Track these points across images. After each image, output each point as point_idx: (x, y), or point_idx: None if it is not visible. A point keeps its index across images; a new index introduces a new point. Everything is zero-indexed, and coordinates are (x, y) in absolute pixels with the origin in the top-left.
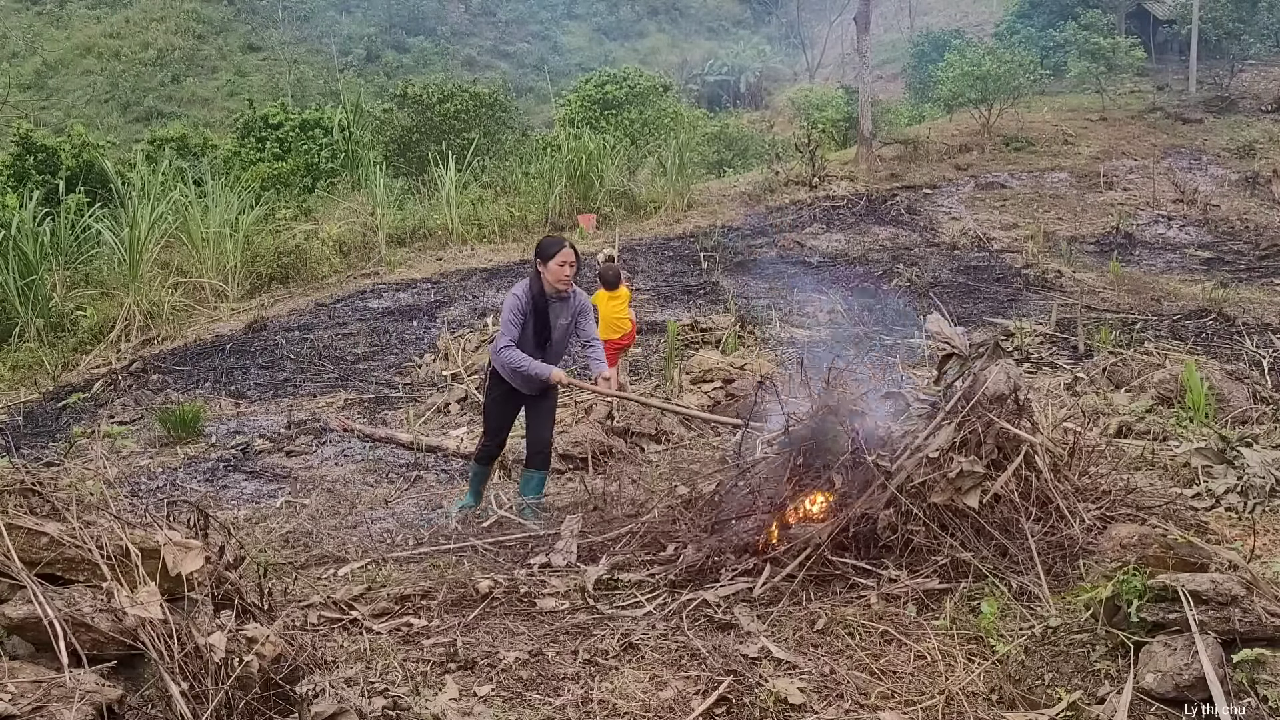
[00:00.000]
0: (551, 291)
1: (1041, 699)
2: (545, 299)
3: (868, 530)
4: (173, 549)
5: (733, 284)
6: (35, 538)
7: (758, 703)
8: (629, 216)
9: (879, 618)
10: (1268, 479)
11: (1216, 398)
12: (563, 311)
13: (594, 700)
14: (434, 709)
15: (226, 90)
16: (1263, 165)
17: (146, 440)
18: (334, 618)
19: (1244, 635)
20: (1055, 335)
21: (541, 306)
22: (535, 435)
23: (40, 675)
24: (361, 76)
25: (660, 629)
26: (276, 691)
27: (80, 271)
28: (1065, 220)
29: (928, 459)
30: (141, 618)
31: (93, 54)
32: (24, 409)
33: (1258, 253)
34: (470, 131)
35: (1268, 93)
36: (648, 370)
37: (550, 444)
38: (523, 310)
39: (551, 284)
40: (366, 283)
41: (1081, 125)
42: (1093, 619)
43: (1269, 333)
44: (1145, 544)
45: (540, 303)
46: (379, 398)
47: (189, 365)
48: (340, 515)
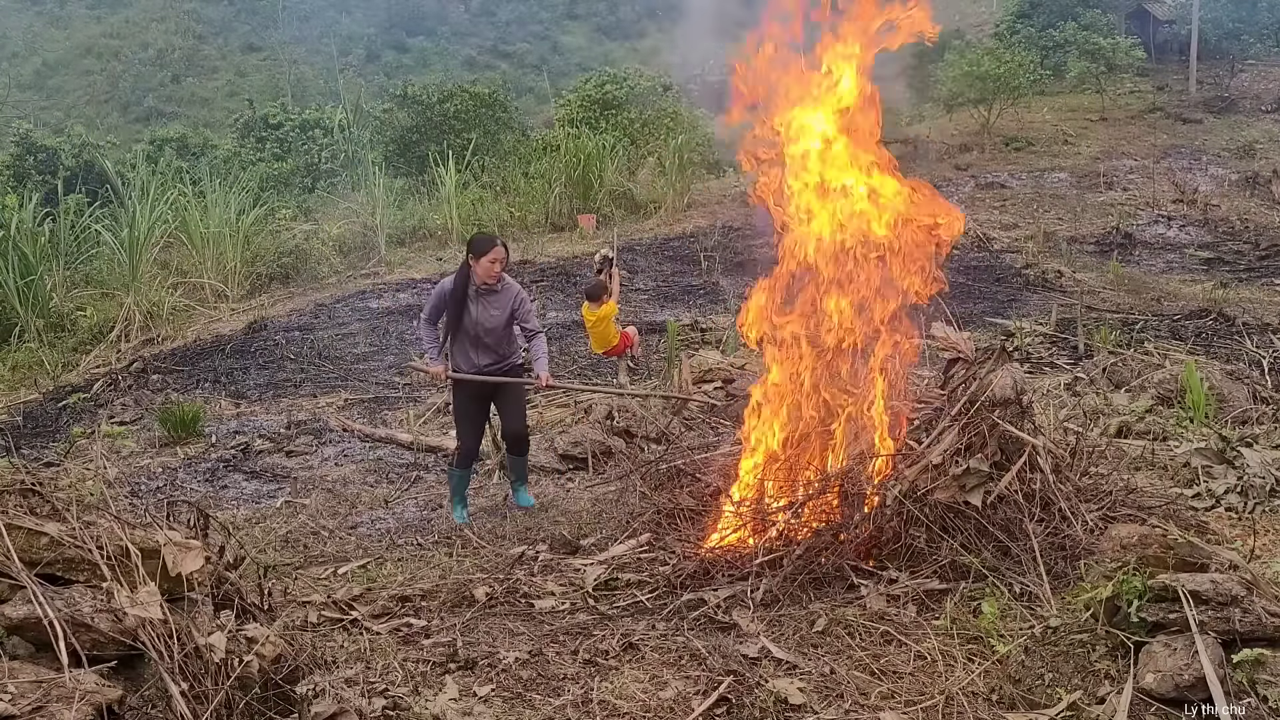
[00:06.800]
0: (480, 284)
1: (1041, 699)
2: (467, 291)
3: (871, 536)
4: (173, 549)
5: (733, 284)
6: (35, 538)
7: (758, 703)
8: (629, 216)
9: (879, 618)
10: (1268, 479)
11: (1216, 398)
12: (493, 303)
13: (594, 700)
14: (434, 709)
15: (226, 90)
16: (1263, 165)
17: (146, 440)
18: (334, 618)
19: (1244, 635)
20: (1055, 335)
21: (461, 297)
22: (508, 427)
23: (40, 675)
24: (361, 76)
25: (660, 629)
26: (276, 691)
27: (80, 271)
28: (1065, 220)
29: (931, 464)
30: (141, 618)
31: (93, 54)
32: (24, 409)
33: (1258, 253)
34: (470, 131)
35: (1268, 93)
36: (648, 370)
37: (524, 432)
38: (442, 295)
39: (480, 278)
40: (366, 283)
41: (1081, 125)
42: (1093, 619)
43: (1269, 333)
44: (1145, 544)
45: (460, 294)
46: (379, 398)
47: (189, 365)
48: (340, 515)
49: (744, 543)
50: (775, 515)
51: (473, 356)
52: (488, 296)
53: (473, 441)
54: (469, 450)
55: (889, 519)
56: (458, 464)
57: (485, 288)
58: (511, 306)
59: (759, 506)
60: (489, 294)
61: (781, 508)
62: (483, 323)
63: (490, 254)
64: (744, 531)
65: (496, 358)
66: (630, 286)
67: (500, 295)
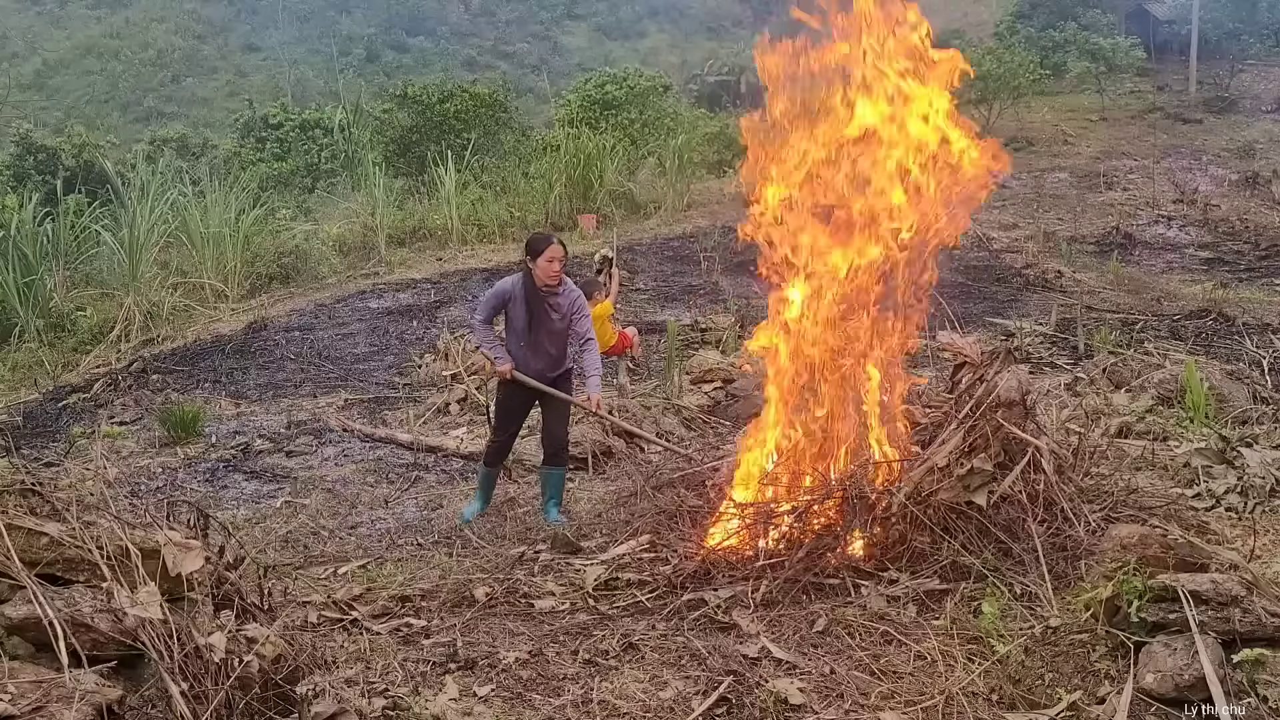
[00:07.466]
0: (541, 286)
1: (1041, 699)
2: (539, 294)
3: (877, 539)
4: (173, 549)
5: (733, 284)
6: (35, 538)
7: (758, 703)
8: (629, 216)
9: (879, 618)
10: (1268, 479)
11: (1216, 398)
12: (555, 307)
13: (594, 700)
14: (434, 709)
15: (226, 90)
16: (1262, 165)
17: (146, 440)
18: (334, 618)
19: (1244, 635)
20: (1055, 335)
21: (534, 300)
22: (548, 432)
23: (40, 675)
24: (361, 76)
25: (660, 629)
26: (276, 691)
27: (80, 271)
28: (1065, 220)
29: (936, 466)
30: (141, 618)
31: (93, 54)
32: (24, 409)
33: (1258, 253)
34: (470, 131)
35: (1268, 93)
36: (648, 370)
37: (564, 441)
38: (503, 296)
39: (541, 279)
40: (366, 283)
41: (1081, 125)
42: (1093, 619)
43: (1269, 333)
44: (1146, 544)
45: (533, 297)
46: (379, 398)
47: (189, 365)
48: (340, 515)
49: (746, 544)
50: (779, 518)
51: (531, 360)
52: (550, 300)
53: (505, 438)
54: (499, 447)
55: (894, 522)
56: (486, 460)
57: (547, 289)
58: (570, 311)
59: (762, 509)
60: (550, 296)
61: (786, 511)
62: (546, 326)
63: (547, 252)
64: (745, 535)
65: (553, 363)
66: (630, 286)
67: (560, 298)
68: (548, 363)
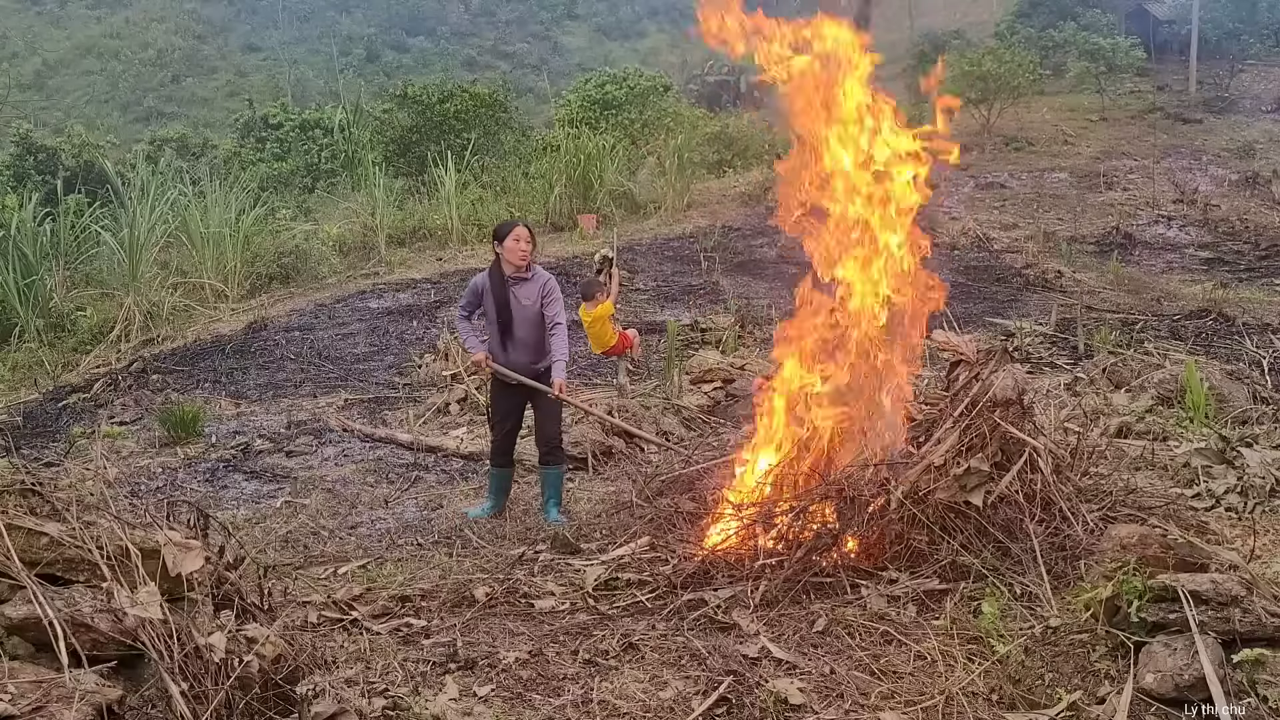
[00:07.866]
0: (511, 271)
1: (1041, 699)
2: (505, 281)
3: (874, 539)
4: (173, 549)
5: (733, 284)
6: (35, 538)
7: (758, 703)
8: (629, 216)
9: (879, 618)
10: (1268, 479)
11: (1216, 398)
12: (525, 293)
13: (594, 700)
14: (434, 709)
15: (226, 90)
16: (1262, 165)
17: (146, 440)
18: (334, 618)
19: (1244, 635)
20: (1055, 335)
21: (500, 287)
22: (540, 431)
23: (40, 675)
24: (361, 76)
25: (660, 629)
26: (276, 691)
27: (80, 272)
28: (1065, 220)
29: (933, 466)
30: (141, 618)
31: (93, 54)
32: (24, 409)
33: (1258, 253)
34: (470, 131)
35: (1268, 93)
36: (648, 371)
37: (557, 440)
38: (476, 289)
39: (510, 261)
40: (366, 283)
41: (1081, 125)
42: (1093, 619)
43: (1269, 333)
44: (1145, 544)
45: (498, 284)
46: (379, 398)
47: (189, 365)
48: (340, 515)
49: (745, 544)
50: (777, 518)
51: (510, 353)
52: (518, 286)
53: (501, 436)
54: (498, 445)
55: (892, 522)
56: (490, 460)
57: (517, 276)
58: (541, 295)
59: (760, 509)
60: (520, 283)
61: (784, 511)
62: (517, 314)
63: (513, 233)
64: (743, 535)
65: (533, 356)
66: (630, 286)
67: (531, 283)
68: (528, 354)
